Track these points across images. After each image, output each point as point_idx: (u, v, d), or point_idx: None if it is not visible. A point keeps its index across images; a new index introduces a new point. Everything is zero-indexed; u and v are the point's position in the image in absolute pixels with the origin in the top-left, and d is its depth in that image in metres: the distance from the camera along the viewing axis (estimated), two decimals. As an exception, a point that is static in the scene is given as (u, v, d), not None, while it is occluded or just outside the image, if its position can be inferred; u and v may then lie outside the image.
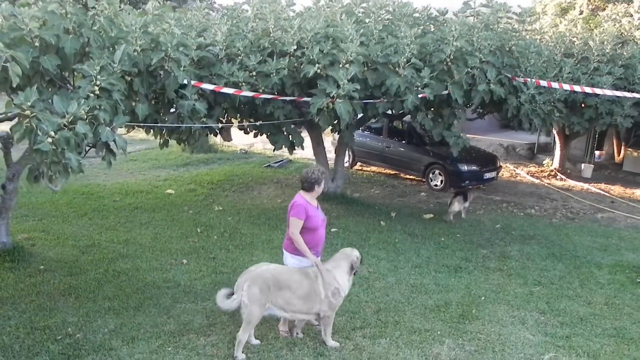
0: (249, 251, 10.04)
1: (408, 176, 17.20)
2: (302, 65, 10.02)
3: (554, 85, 11.82)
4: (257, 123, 10.97)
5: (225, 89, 9.43)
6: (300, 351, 6.74)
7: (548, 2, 23.08)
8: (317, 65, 9.67)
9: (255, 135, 11.81)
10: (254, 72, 9.91)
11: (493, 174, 16.31)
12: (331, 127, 12.16)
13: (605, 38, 13.94)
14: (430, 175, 16.18)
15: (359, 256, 6.99)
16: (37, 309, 7.51)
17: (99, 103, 6.99)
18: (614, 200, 15.87)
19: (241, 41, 10.12)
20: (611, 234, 12.54)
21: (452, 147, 11.95)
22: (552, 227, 12.94)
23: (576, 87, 12.17)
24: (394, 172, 17.62)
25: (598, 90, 12.37)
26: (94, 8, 7.50)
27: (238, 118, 11.59)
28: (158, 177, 15.95)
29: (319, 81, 9.72)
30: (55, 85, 7.69)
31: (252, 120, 11.41)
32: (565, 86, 12.00)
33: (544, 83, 11.64)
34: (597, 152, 21.03)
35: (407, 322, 7.64)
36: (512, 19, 11.96)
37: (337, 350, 6.77)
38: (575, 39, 14.33)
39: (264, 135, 11.92)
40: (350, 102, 9.59)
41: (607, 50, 13.75)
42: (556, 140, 19.94)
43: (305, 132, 12.87)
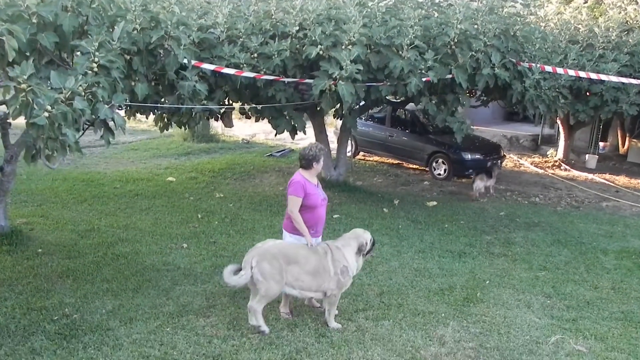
0: (250, 236, 9.91)
1: (411, 166, 17.06)
2: (304, 46, 9.87)
3: (559, 70, 11.66)
4: (259, 107, 10.80)
5: (226, 70, 9.28)
6: (301, 332, 6.61)
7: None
8: (319, 47, 9.52)
9: (257, 120, 11.65)
10: (255, 54, 9.77)
11: (497, 162, 16.13)
12: (333, 113, 12.01)
13: (610, 25, 13.78)
14: (434, 164, 16.04)
15: (370, 239, 6.87)
16: (34, 291, 7.39)
17: (97, 80, 6.85)
18: (619, 189, 15.72)
19: (243, 23, 9.98)
20: (616, 221, 12.39)
21: (456, 133, 11.79)
22: (556, 214, 12.80)
23: (581, 73, 12.00)
24: (396, 161, 17.47)
25: (603, 76, 12.20)
26: (93, -15, 7.35)
27: (239, 103, 11.43)
28: (159, 165, 15.81)
29: (321, 63, 9.58)
30: (54, 64, 7.55)
31: (253, 104, 11.25)
32: (571, 72, 11.82)
33: (548, 68, 11.48)
34: (601, 144, 20.84)
35: (411, 305, 7.51)
36: (516, 3, 11.79)
37: (339, 332, 6.64)
38: (580, 26, 14.16)
39: (266, 126, 11.80)
40: (352, 85, 9.44)
41: (613, 38, 13.57)
42: (560, 130, 19.78)
43: (307, 122, 12.72)
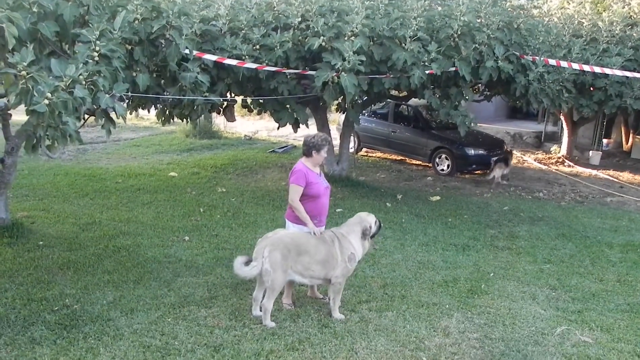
0: (252, 229, 9.84)
1: (414, 161, 17.00)
2: (306, 38, 9.82)
3: (563, 64, 11.57)
4: (261, 99, 10.73)
5: (228, 60, 9.21)
6: (304, 323, 6.55)
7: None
8: (321, 38, 9.46)
9: (259, 113, 11.58)
10: (257, 46, 9.70)
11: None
12: (336, 106, 11.94)
13: (614, 19, 13.68)
14: (437, 159, 15.97)
15: (375, 221, 6.83)
16: (34, 282, 7.33)
17: (98, 69, 6.79)
18: (623, 185, 15.62)
19: (245, 15, 9.92)
20: (621, 216, 12.31)
21: (460, 127, 11.68)
22: (560, 209, 12.72)
23: (585, 67, 11.91)
24: (399, 157, 17.42)
25: (607, 70, 12.12)
26: (94, -26, 7.29)
27: (241, 96, 11.37)
28: (161, 161, 15.75)
29: (323, 54, 9.51)
30: (55, 55, 7.49)
31: (255, 96, 11.17)
32: (575, 65, 11.73)
33: (552, 62, 11.40)
34: (604, 140, 20.75)
35: (414, 296, 7.44)
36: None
37: (342, 323, 6.57)
38: (584, 20, 14.07)
39: (268, 123, 11.75)
40: (355, 76, 9.37)
41: (617, 32, 13.47)
42: (564, 127, 19.69)
43: (311, 118, 12.65)
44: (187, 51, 8.38)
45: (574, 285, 8.19)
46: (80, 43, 7.09)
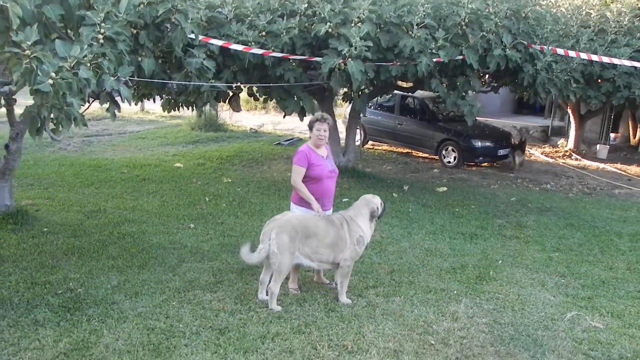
0: (258, 217, 9.76)
1: (420, 154, 16.89)
2: (312, 25, 9.74)
3: (571, 53, 11.46)
4: (267, 86, 10.63)
5: (234, 46, 9.14)
6: (310, 307, 6.47)
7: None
8: (328, 24, 9.39)
9: (265, 101, 11.49)
10: (263, 32, 9.63)
11: (507, 150, 15.98)
12: (342, 95, 11.84)
13: (622, 10, 13.57)
14: (444, 152, 15.88)
15: (380, 202, 6.76)
16: (38, 266, 7.27)
17: (102, 51, 6.72)
18: (631, 178, 15.49)
19: (251, 1, 9.85)
20: (630, 207, 12.20)
21: (467, 116, 11.56)
22: (568, 200, 12.63)
23: (594, 57, 11.78)
24: (405, 150, 17.32)
25: (616, 60, 11.99)
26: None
27: (246, 85, 11.28)
28: (167, 153, 15.70)
29: (330, 40, 9.43)
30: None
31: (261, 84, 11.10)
32: (583, 55, 11.61)
33: (560, 51, 11.28)
34: (612, 135, 20.59)
35: (422, 282, 7.35)
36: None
37: (349, 307, 6.50)
38: (591, 11, 13.94)
39: (273, 117, 11.67)
40: (362, 63, 9.29)
41: (625, 22, 13.35)
42: (571, 121, 19.56)
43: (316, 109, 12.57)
44: (192, 35, 8.30)
45: (583, 272, 8.09)
46: (85, 26, 7.03)
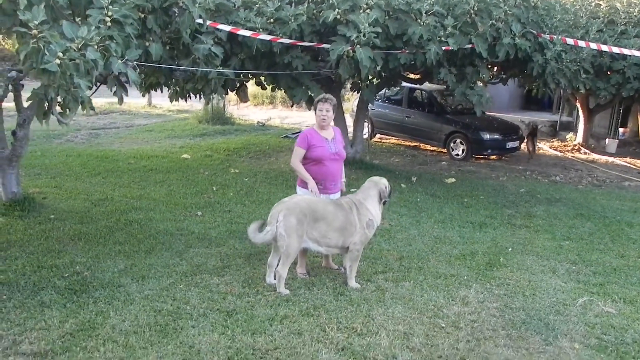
0: (265, 206, 9.66)
1: (428, 147, 16.81)
2: (320, 12, 9.67)
3: (581, 44, 11.35)
4: (275, 73, 10.55)
5: (242, 31, 9.08)
6: (319, 290, 6.40)
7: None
8: (336, 11, 9.31)
9: (273, 90, 11.43)
10: (271, 19, 9.57)
11: (516, 143, 15.91)
12: (351, 85, 11.75)
13: (632, 1, 13.46)
14: (452, 144, 15.78)
15: (387, 185, 6.67)
16: (45, 251, 7.22)
17: (110, 33, 6.66)
18: (641, 171, 15.40)
19: (259, -11, 9.80)
20: (640, 199, 12.11)
21: (476, 106, 11.47)
22: (578, 192, 12.53)
23: (603, 47, 11.69)
24: (413, 143, 17.23)
25: (626, 50, 11.86)
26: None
27: (254, 73, 11.21)
28: (174, 145, 15.67)
29: (339, 27, 9.36)
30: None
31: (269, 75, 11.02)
32: (593, 45, 11.52)
33: (570, 41, 11.18)
34: (621, 129, 20.41)
35: (432, 268, 7.28)
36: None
37: (358, 291, 6.43)
38: (601, 2, 13.84)
39: (280, 111, 11.60)
40: (371, 50, 9.21)
41: (635, 14, 13.25)
42: (580, 115, 19.43)
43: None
44: (200, 20, 8.24)
45: (594, 260, 8.00)
46: (92, 9, 6.97)
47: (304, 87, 10.75)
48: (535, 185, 12.95)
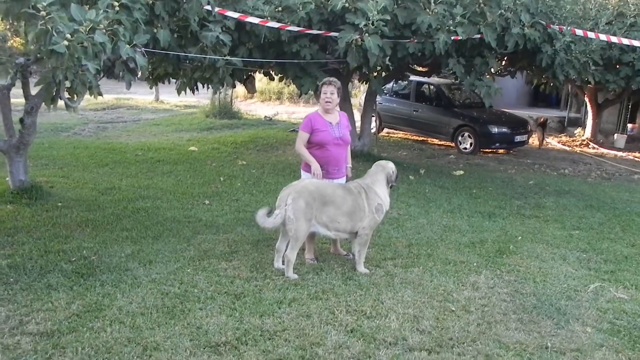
0: (273, 195, 9.50)
1: (435, 141, 16.75)
2: (329, 0, 9.61)
3: (590, 35, 11.27)
4: (283, 61, 10.50)
5: (250, 18, 9.04)
6: (327, 275, 6.35)
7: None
8: (345, -2, 9.27)
9: (281, 80, 11.38)
10: (279, 7, 9.53)
11: (524, 137, 15.84)
12: (358, 77, 11.69)
13: (642, -7, 13.37)
14: (460, 138, 15.70)
15: (394, 169, 6.62)
16: (52, 237, 7.18)
17: (118, 17, 6.63)
18: (650, 165, 15.29)
19: (267, -23, 9.76)
20: (650, 191, 12.01)
21: (484, 98, 11.42)
22: (587, 184, 12.46)
23: (613, 38, 11.60)
24: (421, 137, 17.17)
25: (636, 42, 11.76)
26: None
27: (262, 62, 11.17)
28: (181, 138, 15.67)
29: (347, 15, 9.30)
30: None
31: (277, 65, 10.97)
32: (602, 36, 11.43)
33: (579, 32, 11.10)
34: (629, 125, 20.28)
35: (441, 255, 7.22)
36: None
37: (367, 276, 6.37)
38: (610, -6, 13.77)
39: (288, 107, 11.57)
40: (380, 38, 9.16)
41: (645, 6, 13.17)
42: (588, 111, 19.32)
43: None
44: (208, 7, 8.21)
45: (605, 248, 7.92)
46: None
47: (311, 77, 10.69)
48: (544, 177, 12.87)
